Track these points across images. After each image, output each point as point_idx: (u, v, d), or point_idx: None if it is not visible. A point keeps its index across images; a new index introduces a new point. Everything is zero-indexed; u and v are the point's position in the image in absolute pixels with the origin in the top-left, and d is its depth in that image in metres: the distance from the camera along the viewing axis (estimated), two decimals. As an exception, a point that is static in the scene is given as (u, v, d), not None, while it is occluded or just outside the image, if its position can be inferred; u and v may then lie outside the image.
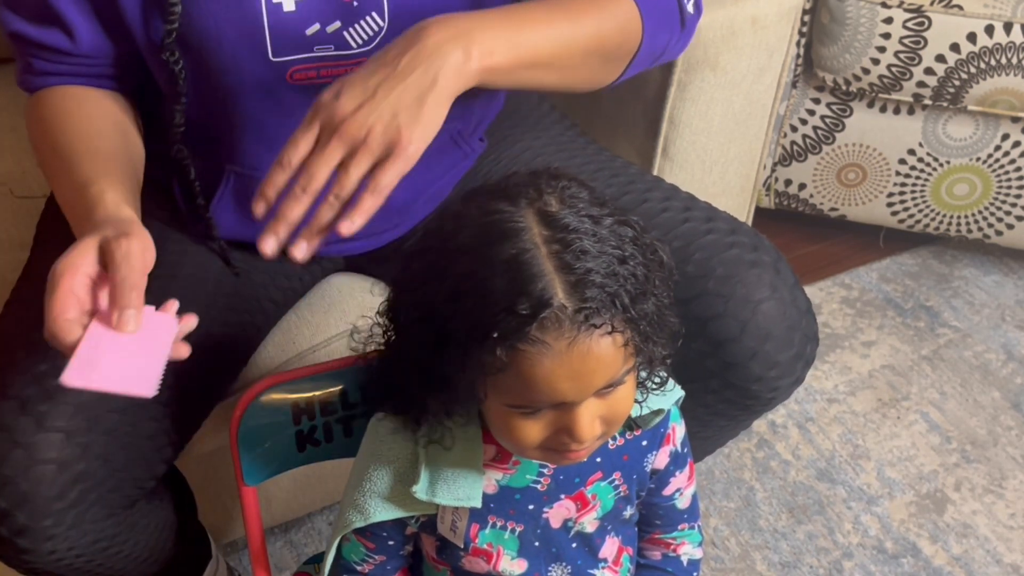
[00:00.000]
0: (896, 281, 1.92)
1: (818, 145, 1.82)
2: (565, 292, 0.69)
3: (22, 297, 1.00)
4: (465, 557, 0.86)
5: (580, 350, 0.70)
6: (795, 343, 1.00)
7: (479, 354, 0.70)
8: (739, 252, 1.00)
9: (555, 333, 0.69)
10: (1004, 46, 1.61)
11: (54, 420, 0.87)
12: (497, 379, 0.71)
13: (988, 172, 1.79)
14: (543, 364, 0.70)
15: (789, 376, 1.01)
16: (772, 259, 1.01)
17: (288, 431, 0.95)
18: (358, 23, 0.94)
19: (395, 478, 0.83)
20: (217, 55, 0.93)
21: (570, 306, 0.68)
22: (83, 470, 0.88)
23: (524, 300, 0.68)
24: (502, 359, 0.69)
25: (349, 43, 0.94)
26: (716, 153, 1.45)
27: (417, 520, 0.86)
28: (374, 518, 0.84)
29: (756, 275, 0.99)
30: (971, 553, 1.49)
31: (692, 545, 0.96)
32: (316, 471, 1.33)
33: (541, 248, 0.70)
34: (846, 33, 1.65)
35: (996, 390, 1.72)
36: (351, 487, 0.86)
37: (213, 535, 1.23)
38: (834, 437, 1.64)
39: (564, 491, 0.85)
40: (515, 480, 0.84)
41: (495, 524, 0.85)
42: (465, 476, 0.81)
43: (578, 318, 0.69)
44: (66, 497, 0.88)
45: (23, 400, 0.87)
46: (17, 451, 0.86)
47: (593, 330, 0.69)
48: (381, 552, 0.89)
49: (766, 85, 1.43)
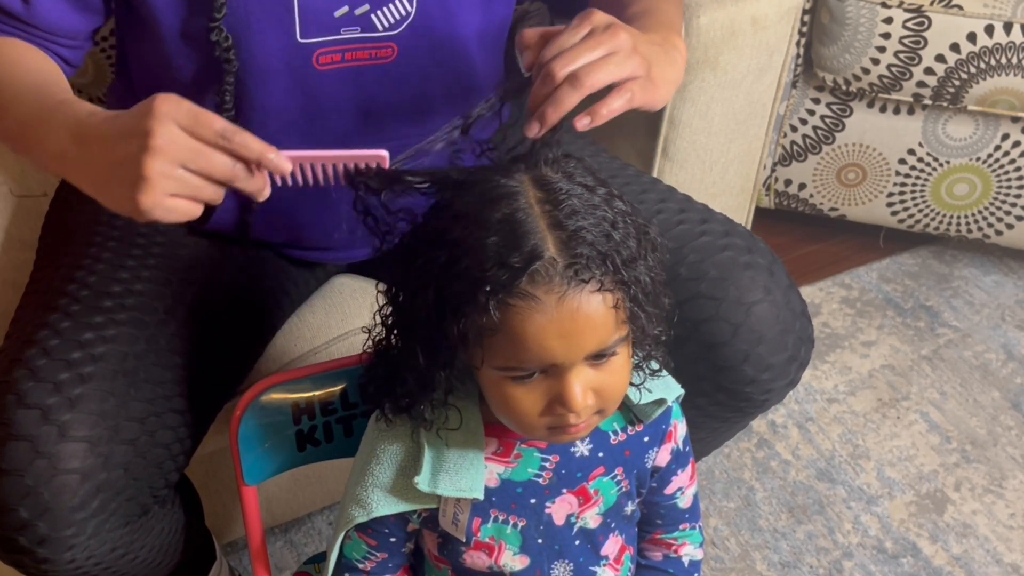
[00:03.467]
0: (896, 281, 1.92)
1: (818, 145, 1.82)
2: (556, 247, 0.71)
3: (33, 303, 0.98)
4: (467, 551, 0.86)
5: (570, 306, 0.71)
6: (789, 346, 0.99)
7: (473, 314, 0.71)
8: (733, 254, 1.00)
9: (545, 287, 0.70)
10: (1004, 46, 1.61)
11: (77, 429, 0.86)
12: (491, 342, 0.72)
13: (988, 172, 1.79)
14: (533, 320, 0.71)
15: (783, 379, 1.00)
16: (767, 261, 1.01)
17: (288, 431, 0.95)
18: (386, 6, 0.94)
19: (397, 471, 0.83)
20: (246, 36, 0.92)
21: (560, 260, 0.70)
22: (105, 479, 0.87)
23: (516, 254, 0.70)
24: (494, 318, 0.71)
25: (376, 25, 0.94)
26: (716, 153, 1.45)
27: (419, 515, 0.86)
28: (376, 512, 0.84)
29: (749, 277, 0.99)
30: (971, 553, 1.49)
31: (693, 546, 0.96)
32: (316, 471, 1.34)
33: (535, 208, 0.72)
34: (846, 33, 1.65)
35: (996, 390, 1.72)
36: (352, 482, 0.86)
37: (214, 535, 1.23)
38: (834, 437, 1.64)
39: (566, 485, 0.85)
40: (516, 473, 0.84)
41: (497, 518, 0.85)
42: (467, 468, 0.82)
43: (568, 273, 0.70)
44: (88, 507, 0.87)
45: (45, 409, 0.85)
46: (40, 461, 0.84)
47: (583, 286, 0.71)
48: (383, 549, 0.89)
49: (766, 85, 1.43)
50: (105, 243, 1.01)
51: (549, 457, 0.84)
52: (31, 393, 0.86)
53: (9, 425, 0.85)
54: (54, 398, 0.86)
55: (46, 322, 0.91)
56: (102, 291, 0.95)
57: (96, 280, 0.96)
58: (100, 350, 0.90)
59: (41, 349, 0.89)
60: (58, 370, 0.87)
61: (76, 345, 0.89)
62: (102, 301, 0.94)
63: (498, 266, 0.70)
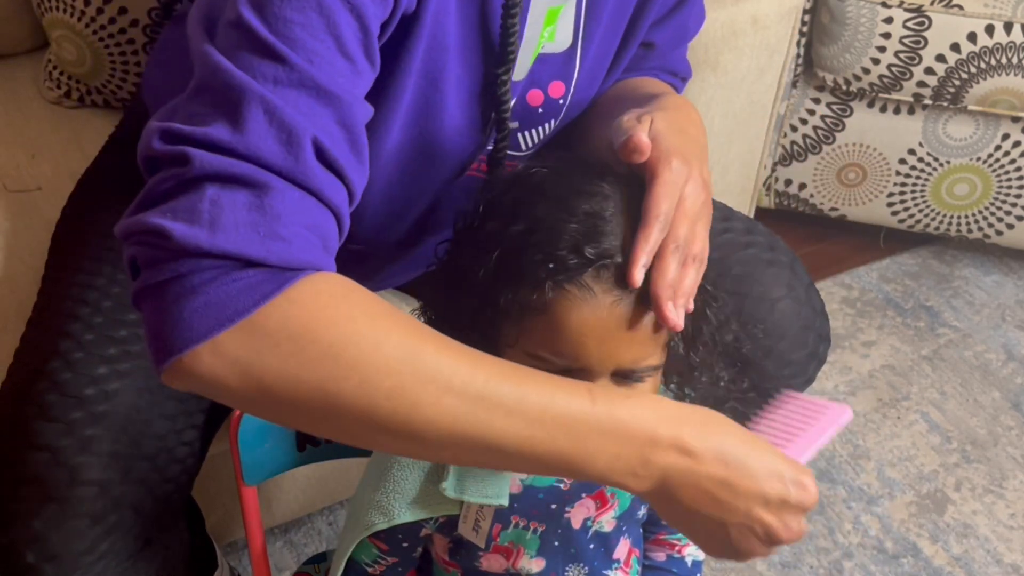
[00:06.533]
0: (896, 281, 1.92)
1: (818, 145, 1.82)
2: None
3: (42, 330, 0.93)
4: (484, 556, 0.86)
5: (619, 313, 0.71)
6: (809, 343, 1.00)
7: (527, 288, 0.71)
8: (756, 252, 1.01)
9: (605, 286, 0.71)
10: (1004, 46, 1.61)
11: (89, 472, 0.83)
12: (533, 323, 0.72)
13: (988, 172, 1.79)
14: (581, 312, 0.71)
15: (801, 375, 1.01)
16: (788, 259, 1.02)
17: (288, 431, 0.95)
18: (535, 128, 0.93)
19: (421, 477, 0.82)
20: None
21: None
22: (115, 522, 0.85)
23: (591, 246, 0.71)
24: (545, 297, 0.71)
25: (520, 145, 0.93)
26: (716, 153, 1.45)
27: (436, 521, 0.85)
28: (399, 519, 0.82)
29: (773, 274, 0.99)
30: (971, 553, 1.49)
31: (695, 546, 0.96)
32: (316, 471, 1.34)
33: (623, 215, 0.73)
34: (846, 33, 1.65)
35: (996, 390, 1.72)
36: (370, 487, 0.84)
37: (213, 537, 1.23)
38: (834, 437, 1.64)
39: (585, 490, 0.85)
40: (539, 479, 0.84)
41: (517, 524, 0.85)
42: (493, 474, 0.81)
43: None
44: (96, 550, 0.85)
45: (55, 451, 0.82)
46: (50, 505, 0.82)
47: (642, 304, 0.71)
48: (394, 554, 0.88)
49: (766, 85, 1.43)
50: (115, 275, 0.95)
51: None
52: (40, 433, 0.83)
53: (20, 467, 0.83)
54: (66, 439, 0.83)
55: (58, 350, 0.87)
56: (116, 319, 0.91)
57: (110, 306, 0.91)
58: (114, 386, 0.86)
59: (52, 383, 0.85)
60: (69, 408, 0.84)
61: (89, 380, 0.86)
62: (117, 330, 0.90)
63: (570, 250, 0.71)
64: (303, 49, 0.65)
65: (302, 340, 0.60)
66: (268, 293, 0.60)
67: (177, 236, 0.59)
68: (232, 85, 0.63)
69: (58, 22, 1.29)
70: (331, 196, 0.65)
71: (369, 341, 0.61)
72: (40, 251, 1.08)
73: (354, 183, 0.67)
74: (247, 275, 0.60)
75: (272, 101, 0.63)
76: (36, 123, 1.33)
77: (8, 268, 1.15)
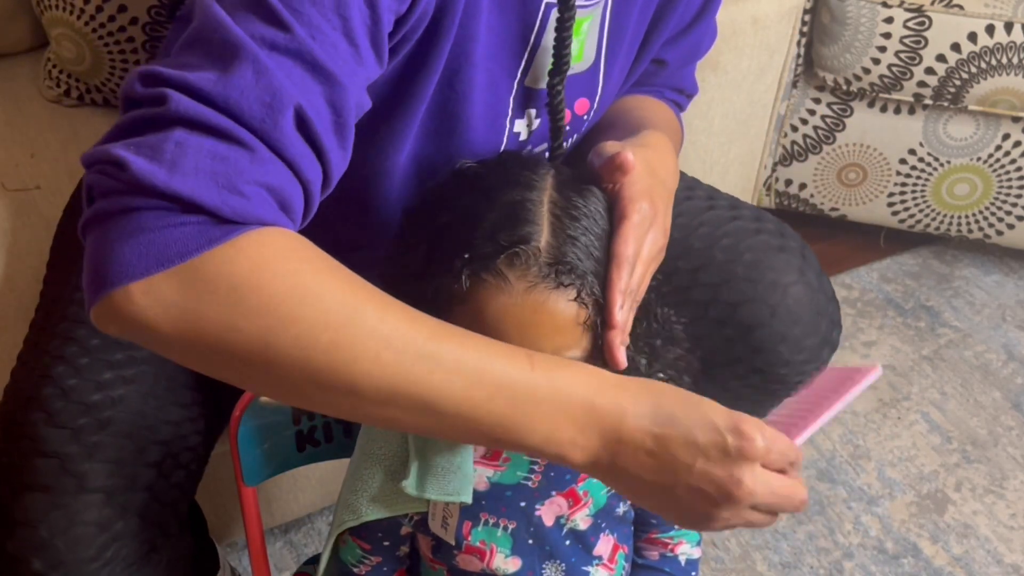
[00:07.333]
0: (896, 281, 1.92)
1: (818, 145, 1.82)
2: (547, 244, 0.73)
3: (46, 334, 0.91)
4: (459, 555, 0.86)
5: (535, 299, 0.72)
6: (821, 328, 1.01)
7: (447, 277, 0.73)
8: (766, 238, 1.01)
9: (519, 272, 0.72)
10: (1005, 46, 1.61)
11: (95, 479, 0.82)
12: (458, 312, 0.73)
13: (989, 172, 1.79)
14: (497, 300, 0.72)
15: (815, 361, 1.01)
16: (798, 245, 1.03)
17: (288, 431, 0.95)
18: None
19: (386, 476, 0.83)
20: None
21: (544, 255, 0.72)
22: (121, 529, 0.85)
23: (506, 234, 0.72)
24: (463, 287, 0.72)
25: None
26: (716, 153, 1.45)
27: (411, 519, 0.86)
28: (366, 516, 0.84)
29: (784, 260, 1.00)
30: (971, 553, 1.49)
31: (690, 544, 0.96)
32: (316, 471, 1.34)
33: (544, 204, 0.74)
34: (847, 33, 1.65)
35: (997, 390, 1.72)
36: (345, 487, 0.86)
37: (214, 537, 1.23)
38: (834, 437, 1.64)
39: (555, 487, 0.85)
40: (506, 477, 0.84)
41: (487, 521, 0.85)
42: (455, 471, 0.81)
43: (547, 270, 0.72)
44: (102, 557, 0.84)
45: (63, 458, 0.82)
46: (56, 513, 0.82)
47: (558, 288, 0.72)
48: (377, 553, 0.89)
49: (767, 85, 1.43)
50: None
51: (538, 460, 0.84)
52: (47, 439, 0.83)
53: (27, 474, 0.82)
54: (72, 446, 0.83)
55: (63, 355, 0.87)
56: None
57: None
58: (119, 392, 0.86)
59: (59, 389, 0.84)
60: (76, 415, 0.83)
61: (95, 386, 0.85)
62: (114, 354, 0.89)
63: (485, 238, 0.72)
64: (308, 24, 0.64)
65: (243, 289, 0.59)
66: (213, 239, 0.59)
67: (134, 169, 0.58)
68: (228, 40, 0.62)
69: (57, 20, 1.28)
70: (304, 169, 0.63)
71: (312, 294, 0.60)
72: (39, 250, 1.08)
73: (332, 165, 0.66)
74: (195, 219, 0.59)
75: (264, 63, 0.62)
76: (35, 122, 1.33)
77: (8, 267, 1.14)
